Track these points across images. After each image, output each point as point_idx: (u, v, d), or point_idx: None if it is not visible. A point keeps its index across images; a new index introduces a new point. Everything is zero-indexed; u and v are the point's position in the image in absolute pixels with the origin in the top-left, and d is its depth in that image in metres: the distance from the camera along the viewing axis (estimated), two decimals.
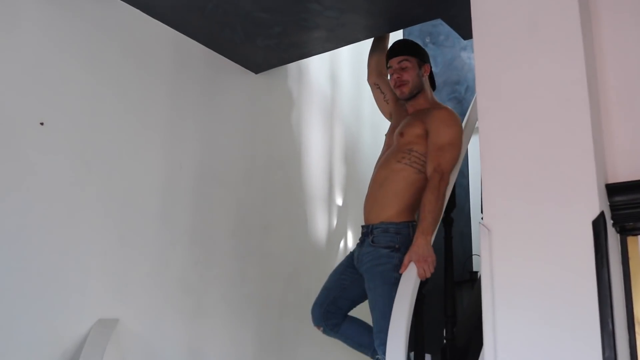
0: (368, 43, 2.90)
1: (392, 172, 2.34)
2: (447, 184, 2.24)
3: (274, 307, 3.11)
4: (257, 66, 3.10)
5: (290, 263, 3.26)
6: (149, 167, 2.58)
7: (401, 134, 2.40)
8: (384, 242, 2.26)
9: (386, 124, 2.72)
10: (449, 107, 2.41)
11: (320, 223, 3.51)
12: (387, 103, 2.73)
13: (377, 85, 2.78)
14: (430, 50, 4.52)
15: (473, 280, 3.74)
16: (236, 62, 3.03)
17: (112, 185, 2.42)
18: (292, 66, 3.39)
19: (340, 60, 3.86)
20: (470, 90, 4.35)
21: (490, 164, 1.74)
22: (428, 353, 2.67)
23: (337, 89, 3.82)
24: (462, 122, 2.40)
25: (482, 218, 1.74)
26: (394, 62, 2.49)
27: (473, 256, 3.98)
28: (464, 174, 4.11)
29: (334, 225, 3.61)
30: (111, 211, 2.40)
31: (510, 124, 1.73)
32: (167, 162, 2.67)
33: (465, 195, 4.13)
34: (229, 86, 3.03)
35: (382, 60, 2.80)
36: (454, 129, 2.32)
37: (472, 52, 2.95)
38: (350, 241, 3.69)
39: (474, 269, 3.94)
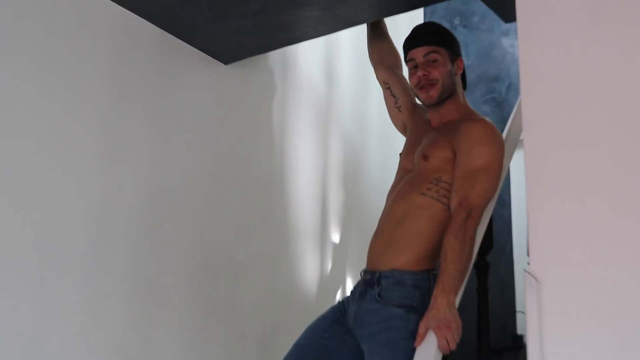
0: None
1: (415, 208, 2.34)
2: (476, 223, 2.22)
3: None
4: (227, 54, 3.11)
5: (267, 320, 3.24)
6: (76, 188, 2.57)
7: (425, 157, 2.39)
8: (397, 299, 2.23)
9: (401, 137, 2.72)
10: (486, 119, 2.41)
11: (310, 267, 3.49)
12: (400, 111, 2.74)
13: (387, 84, 2.79)
14: (460, 35, 4.55)
15: (517, 348, 3.72)
16: (200, 48, 3.04)
17: (24, 213, 2.40)
18: (274, 55, 3.40)
19: (339, 49, 3.88)
20: (514, 89, 4.38)
21: (540, 191, 1.73)
22: None
23: (334, 87, 3.83)
24: (502, 136, 2.39)
25: (528, 264, 1.73)
26: (418, 53, 2.48)
27: (517, 314, 3.96)
28: (504, 202, 4.11)
29: (327, 270, 3.60)
30: (23, 249, 2.38)
31: (568, 137, 1.73)
32: (101, 182, 2.65)
33: (507, 232, 4.13)
34: (190, 81, 3.03)
35: (386, 48, 2.82)
36: (491, 148, 2.30)
37: (517, 38, 2.97)
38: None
39: (519, 332, 3.92)
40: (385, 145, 4.19)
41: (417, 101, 2.67)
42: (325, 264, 3.59)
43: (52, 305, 2.44)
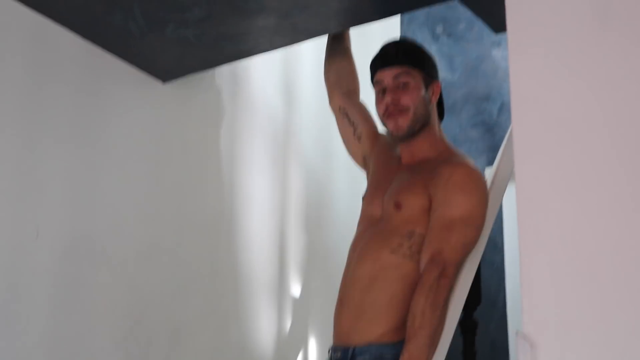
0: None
1: (384, 269, 2.35)
2: (451, 282, 2.24)
3: None
4: (166, 71, 3.12)
5: None
6: None
7: (397, 205, 2.40)
8: None
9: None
10: (469, 162, 2.42)
11: (265, 326, 3.48)
12: (360, 141, 2.75)
13: (344, 110, 2.80)
14: (443, 47, 4.60)
15: None
16: (133, 63, 3.04)
17: None
18: (221, 72, 3.41)
19: (299, 64, 3.89)
20: (507, 110, 4.42)
21: (534, 235, 1.73)
22: None
23: (294, 109, 3.84)
24: (488, 181, 2.41)
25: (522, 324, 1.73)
26: (387, 75, 2.50)
27: None
28: (496, 247, 4.13)
29: (286, 330, 3.58)
30: None
31: (568, 170, 1.74)
32: (12, 226, 2.63)
33: (499, 281, 4.14)
34: (121, 102, 3.02)
35: (346, 69, 2.84)
36: (473, 198, 2.33)
37: None
38: (313, 358, 3.65)
39: None
40: (355, 177, 4.19)
41: (383, 131, 2.69)
42: (283, 323, 3.57)
43: None
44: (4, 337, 2.54)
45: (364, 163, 2.74)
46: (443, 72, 4.71)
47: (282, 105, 3.77)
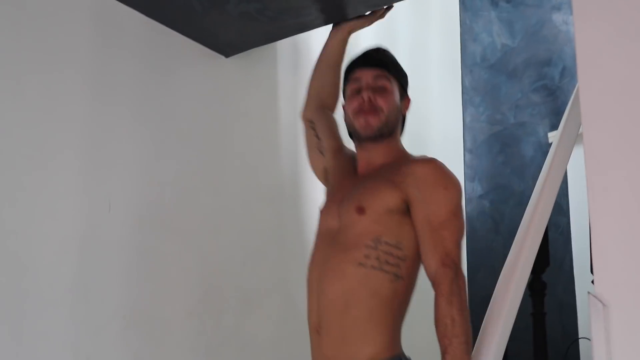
0: (403, 9, 2.90)
1: (354, 288, 2.24)
2: (464, 279, 2.20)
3: None
4: (229, 46, 3.12)
5: (285, 357, 3.23)
6: (55, 208, 2.58)
7: (360, 210, 2.30)
8: None
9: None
10: (432, 157, 2.38)
11: None
12: (323, 154, 2.69)
13: (313, 124, 2.77)
14: (503, 12, 4.55)
15: None
16: (196, 39, 3.05)
17: None
18: (283, 45, 3.40)
19: (358, 35, 3.86)
20: (569, 73, 4.36)
21: (604, 197, 1.71)
22: None
23: None
24: (552, 143, 2.37)
25: (592, 282, 1.71)
26: (367, 74, 2.47)
27: (580, 341, 3.94)
28: (561, 209, 4.09)
29: None
30: None
31: (638, 131, 1.71)
32: (85, 199, 2.66)
33: (565, 244, 4.11)
34: (186, 78, 3.05)
35: (331, 84, 2.79)
36: (453, 191, 2.29)
37: (571, 13, 2.95)
38: None
39: None
40: (420, 145, 4.18)
41: (342, 150, 2.66)
42: None
43: (33, 346, 2.45)
44: (82, 306, 2.59)
45: (324, 176, 2.68)
46: (503, 39, 4.65)
47: (342, 76, 3.75)
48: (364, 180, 2.40)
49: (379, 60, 2.48)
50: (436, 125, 4.45)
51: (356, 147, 2.56)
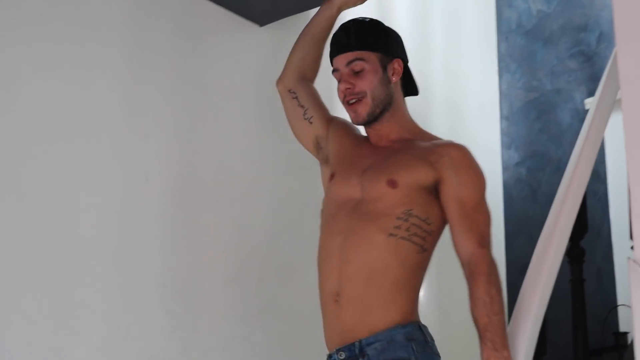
0: None
1: (383, 257, 2.22)
2: (495, 259, 2.22)
3: None
4: (262, 14, 3.11)
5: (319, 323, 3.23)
6: (93, 179, 2.59)
7: (392, 183, 2.26)
8: (390, 357, 2.16)
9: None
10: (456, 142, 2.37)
11: None
12: (311, 122, 2.59)
13: (294, 94, 2.65)
14: None
15: (621, 347, 3.70)
16: (230, 8, 3.04)
17: (35, 213, 2.43)
18: None
19: (394, 2, 3.84)
20: (606, 39, 4.31)
21: None
22: None
23: None
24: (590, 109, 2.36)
25: (632, 248, 1.69)
26: (340, 62, 2.39)
27: (619, 308, 3.91)
28: (599, 176, 4.05)
29: None
30: (38, 253, 2.41)
31: None
32: (122, 170, 2.68)
33: (603, 211, 4.08)
34: (221, 47, 3.04)
35: (313, 57, 2.70)
36: (482, 175, 2.30)
37: None
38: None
39: (622, 329, 3.87)
40: (456, 112, 4.15)
41: (334, 119, 2.60)
42: None
43: (74, 315, 2.48)
44: (120, 277, 2.62)
45: (315, 145, 2.58)
46: (539, 4, 4.60)
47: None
48: (389, 152, 2.36)
49: (349, 43, 2.39)
50: (472, 93, 4.43)
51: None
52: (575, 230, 2.28)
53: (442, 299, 3.72)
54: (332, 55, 2.43)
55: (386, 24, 2.61)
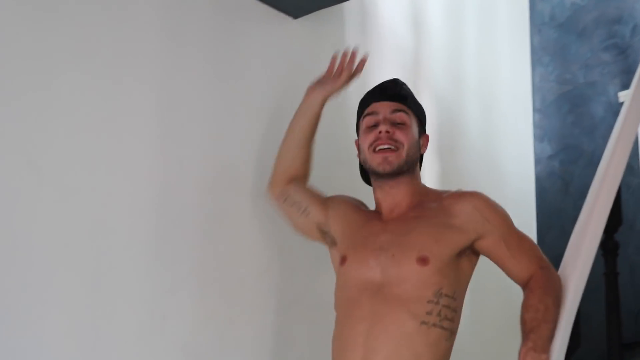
0: None
1: (412, 343, 2.13)
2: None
3: None
4: (296, 7, 3.12)
5: None
6: (130, 170, 2.61)
7: (423, 260, 2.18)
8: None
9: (508, 91, 2.67)
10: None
11: None
12: (307, 215, 2.57)
13: (285, 195, 2.65)
14: None
15: None
16: (265, 1, 3.05)
17: (73, 204, 2.44)
18: (350, 6, 3.38)
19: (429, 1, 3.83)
20: None
21: None
22: None
23: (423, 40, 3.79)
24: (624, 102, 2.36)
25: None
26: (384, 108, 2.36)
27: None
28: (632, 170, 4.02)
29: None
30: (75, 244, 2.43)
31: None
32: (159, 162, 2.69)
33: (636, 204, 4.04)
34: (255, 39, 3.05)
35: (303, 158, 2.69)
36: (500, 205, 2.32)
37: None
38: None
39: None
40: (488, 104, 4.14)
41: (331, 199, 2.62)
42: None
43: (111, 304, 2.50)
44: (156, 267, 2.63)
45: (320, 233, 2.56)
46: None
47: (411, 36, 3.72)
48: (405, 226, 2.31)
49: (397, 94, 2.38)
50: (504, 86, 4.40)
51: (374, 187, 2.47)
52: (609, 222, 2.27)
53: None
54: (374, 99, 2.39)
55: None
